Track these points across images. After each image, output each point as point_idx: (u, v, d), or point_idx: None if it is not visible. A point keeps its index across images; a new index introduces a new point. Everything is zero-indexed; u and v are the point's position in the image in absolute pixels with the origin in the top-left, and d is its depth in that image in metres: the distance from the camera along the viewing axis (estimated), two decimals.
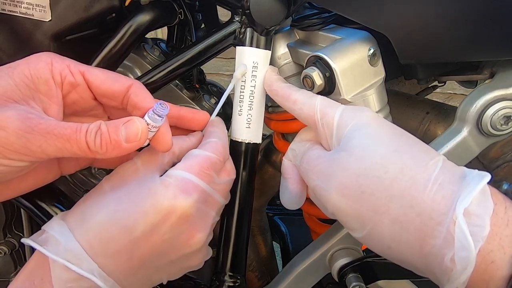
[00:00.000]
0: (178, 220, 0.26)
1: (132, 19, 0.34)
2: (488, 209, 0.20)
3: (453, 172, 0.23)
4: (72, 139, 0.23)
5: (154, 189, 0.26)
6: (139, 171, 0.28)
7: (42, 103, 0.25)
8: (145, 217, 0.25)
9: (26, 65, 0.25)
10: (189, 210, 0.26)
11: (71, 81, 0.26)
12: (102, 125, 0.24)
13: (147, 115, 0.26)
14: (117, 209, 0.26)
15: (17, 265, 0.47)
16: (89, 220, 0.25)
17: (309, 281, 0.38)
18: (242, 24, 0.34)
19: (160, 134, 0.27)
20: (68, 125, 0.24)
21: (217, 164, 0.29)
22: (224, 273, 0.36)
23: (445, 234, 0.21)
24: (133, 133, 0.24)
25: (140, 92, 0.27)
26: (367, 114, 0.27)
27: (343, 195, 0.24)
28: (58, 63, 0.26)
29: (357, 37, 0.31)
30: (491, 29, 0.28)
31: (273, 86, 0.32)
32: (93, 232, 0.25)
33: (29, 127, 0.23)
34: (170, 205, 0.26)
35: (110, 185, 0.27)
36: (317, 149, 0.29)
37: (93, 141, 0.23)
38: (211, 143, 0.30)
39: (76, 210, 0.27)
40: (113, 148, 0.24)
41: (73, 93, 0.27)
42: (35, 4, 0.32)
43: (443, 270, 0.21)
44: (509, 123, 0.30)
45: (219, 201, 0.30)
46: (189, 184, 0.27)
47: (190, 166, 0.27)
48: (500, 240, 0.20)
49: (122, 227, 0.25)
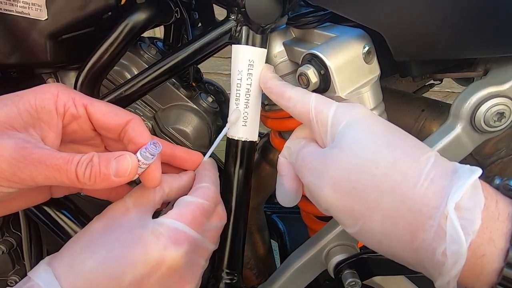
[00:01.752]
0: (167, 272, 0.26)
1: (128, 18, 0.34)
2: (479, 203, 0.21)
3: (445, 167, 0.23)
4: (62, 170, 0.24)
5: (145, 239, 0.26)
6: (130, 212, 0.28)
7: (42, 131, 0.26)
8: (134, 268, 0.25)
9: (33, 94, 0.26)
10: (179, 261, 0.26)
11: (73, 113, 0.27)
12: (95, 157, 0.25)
13: (139, 152, 0.26)
14: (106, 257, 0.25)
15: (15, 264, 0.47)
16: (77, 267, 0.25)
17: (306, 277, 0.39)
18: (238, 22, 0.34)
19: (150, 171, 0.27)
20: (60, 155, 0.24)
21: (208, 211, 0.29)
22: (221, 270, 0.37)
23: (436, 228, 0.21)
24: (123, 168, 0.25)
25: (137, 128, 0.28)
26: (360, 111, 0.27)
27: (335, 191, 0.25)
28: (64, 95, 0.27)
29: (351, 35, 0.32)
30: (484, 26, 0.28)
31: (268, 83, 0.32)
32: (81, 280, 0.25)
33: (23, 156, 0.23)
34: (160, 257, 0.26)
35: (101, 227, 0.27)
36: (312, 146, 0.29)
37: (83, 172, 0.24)
38: (203, 188, 0.30)
39: (64, 254, 0.27)
40: (102, 180, 0.25)
41: (74, 124, 0.28)
42: (31, 3, 0.32)
43: (434, 264, 0.21)
44: (502, 119, 0.30)
45: (209, 248, 0.30)
46: (180, 234, 0.27)
47: (182, 214, 0.28)
48: (490, 234, 0.20)
49: (111, 276, 0.25)
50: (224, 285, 0.37)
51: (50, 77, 0.39)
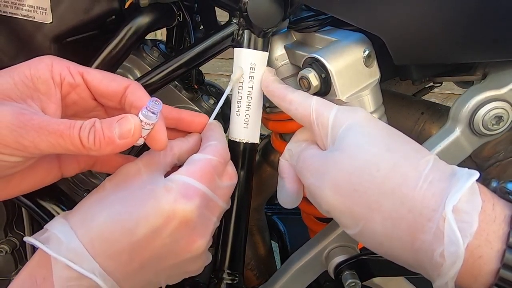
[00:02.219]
0: (179, 225, 0.26)
1: (131, 21, 0.35)
2: (476, 206, 0.21)
3: (444, 170, 0.23)
4: (65, 135, 0.23)
5: (156, 193, 0.26)
6: (141, 172, 0.28)
7: (41, 102, 0.26)
8: (147, 221, 0.25)
9: (27, 66, 0.26)
10: (190, 215, 0.26)
11: (70, 81, 0.27)
12: (97, 122, 0.25)
13: (140, 112, 0.26)
14: (119, 210, 0.26)
15: (18, 264, 0.47)
16: (91, 220, 0.26)
17: (306, 278, 0.39)
18: (240, 26, 0.34)
19: (155, 132, 0.27)
20: (61, 121, 0.24)
21: (218, 167, 0.29)
22: (223, 270, 0.37)
23: (435, 230, 0.21)
24: (126, 129, 0.25)
25: (137, 92, 0.28)
26: (360, 114, 0.28)
27: (336, 193, 0.25)
28: (58, 65, 0.27)
29: (352, 39, 0.32)
30: (483, 31, 0.29)
31: (269, 86, 0.33)
32: (95, 232, 0.25)
33: (22, 122, 0.23)
34: (171, 210, 0.26)
35: (113, 185, 0.28)
36: (313, 149, 0.29)
37: (87, 137, 0.24)
38: (211, 146, 0.30)
39: (78, 210, 0.27)
40: (107, 144, 0.24)
41: (72, 94, 0.28)
42: (36, 6, 0.33)
43: (433, 265, 0.22)
44: (500, 123, 0.30)
45: (221, 205, 0.30)
46: (191, 188, 0.27)
47: (192, 170, 0.28)
48: (487, 236, 0.21)
49: (123, 229, 0.25)
50: (225, 285, 0.37)
51: None
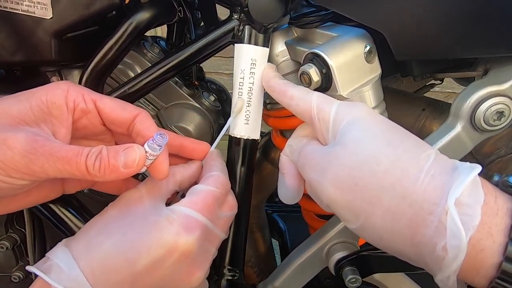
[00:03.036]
0: (180, 257, 0.27)
1: (132, 17, 0.35)
2: (478, 199, 0.21)
3: (445, 164, 0.23)
4: (73, 162, 0.24)
5: (159, 224, 0.27)
6: (144, 200, 0.29)
7: (53, 126, 0.27)
8: (149, 252, 0.26)
9: (44, 91, 0.27)
10: (191, 247, 0.27)
11: (83, 108, 0.28)
12: (104, 150, 0.25)
13: (146, 143, 0.27)
14: (121, 240, 0.26)
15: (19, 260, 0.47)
16: (94, 249, 0.26)
17: (307, 275, 0.39)
18: (240, 21, 0.34)
19: (158, 163, 0.28)
20: (70, 148, 0.25)
21: (220, 197, 0.30)
22: (223, 267, 0.37)
23: (436, 224, 0.21)
24: (131, 159, 0.26)
25: (145, 121, 0.29)
26: (362, 109, 0.27)
27: (337, 188, 0.25)
28: (73, 91, 0.28)
29: (353, 34, 0.32)
30: (485, 26, 0.29)
31: (270, 82, 0.33)
32: (97, 262, 0.26)
33: (34, 148, 0.24)
34: (173, 242, 0.26)
35: (116, 212, 0.28)
36: (314, 144, 0.29)
37: (93, 164, 0.25)
38: (213, 176, 0.31)
39: (81, 237, 0.27)
40: (111, 172, 0.25)
41: (84, 119, 0.29)
42: (36, 2, 0.33)
43: (435, 259, 0.22)
44: (501, 118, 0.30)
45: (220, 236, 0.31)
46: (192, 221, 0.27)
47: (194, 202, 0.28)
48: (489, 229, 0.20)
49: (125, 260, 0.26)
50: (226, 281, 0.37)
51: (55, 75, 0.39)
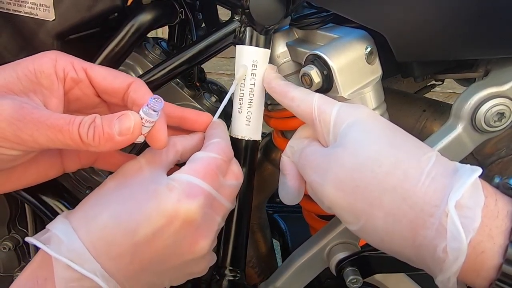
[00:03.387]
0: (181, 225, 0.25)
1: (134, 19, 0.35)
2: (479, 201, 0.21)
3: (446, 166, 0.23)
4: (65, 130, 0.23)
5: (158, 192, 0.26)
6: (143, 170, 0.27)
7: (43, 96, 0.26)
8: (148, 221, 0.25)
9: (31, 60, 0.26)
10: (194, 215, 0.26)
11: (74, 77, 0.27)
12: (97, 118, 0.24)
13: (141, 109, 0.26)
14: (120, 211, 0.25)
15: (21, 261, 0.47)
16: (93, 220, 0.25)
17: (308, 275, 0.39)
18: (242, 23, 0.34)
19: (155, 131, 0.27)
20: (61, 116, 0.24)
21: (222, 165, 0.29)
22: (224, 267, 0.37)
23: (437, 226, 0.21)
24: (126, 126, 0.24)
25: (139, 89, 0.28)
26: (363, 111, 0.28)
27: (338, 189, 0.25)
28: (62, 60, 0.27)
29: (354, 35, 0.32)
30: (485, 27, 0.29)
31: (272, 83, 0.33)
32: (97, 233, 0.25)
33: (21, 115, 0.23)
34: (173, 209, 0.25)
35: (115, 184, 0.27)
36: (315, 145, 0.29)
37: (86, 133, 0.24)
38: (214, 143, 0.30)
39: (80, 209, 0.27)
40: (106, 140, 0.24)
41: (76, 89, 0.28)
42: (39, 3, 0.33)
43: (435, 261, 0.22)
44: (502, 119, 0.30)
45: (225, 205, 0.29)
46: (194, 187, 0.26)
47: (195, 169, 0.27)
48: (490, 231, 0.21)
49: (125, 230, 0.25)
50: (227, 282, 0.37)
51: None
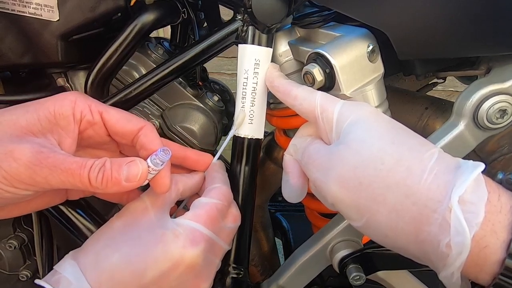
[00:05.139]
0: (186, 270, 0.27)
1: (137, 19, 0.35)
2: (482, 196, 0.21)
3: (448, 162, 0.24)
4: (76, 174, 0.25)
5: (165, 237, 0.27)
6: (149, 211, 0.29)
7: (59, 136, 0.27)
8: (156, 265, 0.27)
9: (52, 102, 0.28)
10: (197, 260, 0.28)
11: (89, 119, 0.29)
12: (107, 163, 0.26)
13: (150, 158, 0.27)
14: (129, 253, 0.27)
15: (26, 259, 0.48)
16: (101, 262, 0.27)
17: (311, 273, 0.39)
18: (244, 22, 0.34)
19: (159, 177, 0.28)
20: (74, 160, 0.25)
21: (223, 210, 0.31)
22: (228, 265, 0.37)
23: (440, 221, 0.22)
24: (133, 173, 0.26)
25: (149, 134, 0.29)
26: (365, 109, 0.28)
27: (342, 186, 0.25)
28: (81, 103, 0.28)
29: (356, 34, 0.32)
30: (487, 25, 0.29)
31: (274, 82, 0.33)
32: (105, 274, 0.26)
33: (39, 160, 0.24)
34: (180, 255, 0.27)
35: (122, 225, 0.29)
36: (318, 143, 0.30)
37: (95, 177, 0.25)
38: (216, 189, 0.31)
39: (88, 250, 0.28)
40: (113, 185, 0.26)
41: (90, 130, 0.29)
42: (43, 4, 0.33)
43: (439, 256, 0.22)
44: (504, 116, 0.30)
45: (224, 247, 0.31)
46: (198, 234, 0.28)
47: (198, 215, 0.29)
48: (493, 226, 0.21)
49: (133, 272, 0.26)
50: (230, 279, 0.38)
51: (61, 76, 0.40)
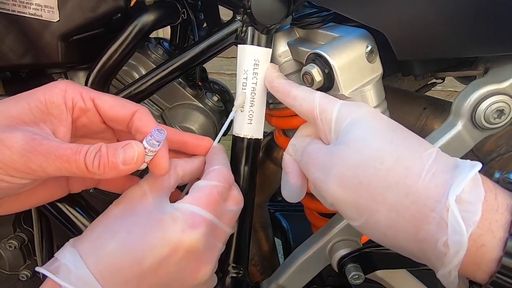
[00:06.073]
0: (185, 254, 0.27)
1: (137, 19, 0.35)
2: (479, 196, 0.21)
3: (446, 162, 0.24)
4: (71, 160, 0.24)
5: (163, 222, 0.27)
6: (147, 196, 0.28)
7: (52, 125, 0.27)
8: (154, 250, 0.26)
9: (42, 92, 0.27)
10: (196, 244, 0.27)
11: (82, 106, 0.28)
12: (103, 147, 0.25)
13: (145, 139, 0.27)
14: (127, 240, 0.26)
15: (26, 259, 0.48)
16: (100, 249, 0.26)
17: (310, 272, 0.39)
18: (243, 23, 0.35)
19: (157, 159, 0.27)
20: (69, 146, 0.25)
21: (223, 192, 0.30)
22: (228, 264, 0.38)
23: (438, 220, 0.22)
24: (130, 156, 0.25)
25: (143, 118, 0.28)
26: (364, 109, 0.28)
27: (341, 186, 0.25)
28: (71, 90, 0.28)
29: (355, 34, 0.32)
30: (485, 26, 0.29)
31: (274, 82, 0.33)
32: (104, 261, 0.26)
33: (32, 147, 0.24)
34: (178, 240, 0.26)
35: (120, 211, 0.28)
36: (317, 143, 0.30)
37: (92, 162, 0.25)
38: (215, 170, 0.31)
39: (87, 237, 0.28)
40: (110, 169, 0.25)
41: (83, 117, 0.29)
42: (43, 5, 0.33)
43: (437, 255, 0.22)
44: (502, 116, 0.31)
45: (226, 231, 0.30)
46: (197, 217, 0.27)
47: (198, 198, 0.28)
48: (490, 225, 0.21)
49: (131, 258, 0.26)
50: (230, 279, 0.38)
51: (61, 77, 0.40)
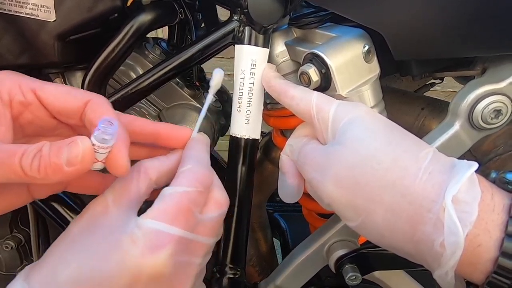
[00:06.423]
0: (149, 282, 0.22)
1: (134, 19, 0.35)
2: (475, 196, 0.21)
3: (443, 162, 0.24)
4: (5, 164, 0.20)
5: (121, 245, 0.22)
6: (110, 211, 0.24)
7: None
8: (111, 281, 0.21)
9: None
10: (162, 269, 0.22)
11: (21, 100, 0.24)
12: (45, 147, 0.21)
13: (92, 134, 0.22)
14: (81, 269, 0.22)
15: (23, 260, 0.48)
16: (53, 282, 0.22)
17: (308, 273, 0.39)
18: (241, 23, 0.35)
19: (112, 156, 0.22)
20: (5, 147, 0.21)
21: (197, 198, 0.24)
22: (225, 265, 0.37)
23: (435, 221, 0.22)
24: (73, 155, 0.21)
25: (97, 108, 0.24)
26: (361, 109, 0.28)
27: (338, 186, 0.25)
28: (8, 81, 0.24)
29: (352, 34, 0.32)
30: (483, 26, 0.29)
31: (271, 82, 0.33)
32: None
33: None
34: (137, 267, 0.22)
35: (78, 230, 0.24)
36: (314, 144, 0.30)
37: (29, 164, 0.20)
38: (185, 172, 0.25)
39: (42, 266, 0.23)
40: (53, 172, 0.21)
41: (26, 113, 0.25)
42: (40, 5, 0.33)
43: (433, 255, 0.22)
44: (499, 116, 0.31)
45: (206, 243, 0.25)
46: (162, 236, 0.22)
47: (163, 211, 0.23)
48: (486, 225, 0.21)
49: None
50: (227, 279, 0.38)
51: (58, 77, 0.40)
